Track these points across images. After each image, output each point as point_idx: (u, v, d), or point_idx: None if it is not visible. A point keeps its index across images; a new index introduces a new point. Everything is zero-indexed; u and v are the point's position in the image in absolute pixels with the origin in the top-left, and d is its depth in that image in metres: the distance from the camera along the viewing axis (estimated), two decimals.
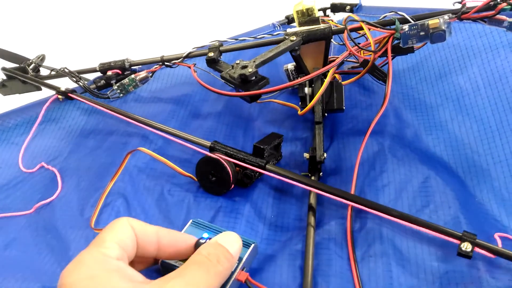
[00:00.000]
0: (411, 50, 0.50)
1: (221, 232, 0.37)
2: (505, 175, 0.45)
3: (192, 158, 0.54)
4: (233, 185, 0.49)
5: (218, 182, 0.48)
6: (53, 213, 0.49)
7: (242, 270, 0.35)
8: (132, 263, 0.32)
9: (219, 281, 0.30)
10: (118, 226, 0.31)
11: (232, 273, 0.34)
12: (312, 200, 0.46)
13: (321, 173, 0.50)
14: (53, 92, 0.64)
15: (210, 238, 0.35)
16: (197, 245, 0.34)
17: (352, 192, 0.47)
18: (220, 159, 0.47)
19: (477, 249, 0.36)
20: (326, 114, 0.54)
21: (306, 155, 0.50)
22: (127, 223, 0.31)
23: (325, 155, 0.49)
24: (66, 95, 0.62)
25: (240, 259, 0.35)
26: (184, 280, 0.28)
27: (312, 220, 0.44)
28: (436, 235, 0.39)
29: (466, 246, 0.36)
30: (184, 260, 0.35)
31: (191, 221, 0.40)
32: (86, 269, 0.27)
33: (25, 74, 0.66)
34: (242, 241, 0.35)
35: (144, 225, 0.33)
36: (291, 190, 0.50)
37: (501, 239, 0.39)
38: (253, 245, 0.37)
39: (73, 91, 0.62)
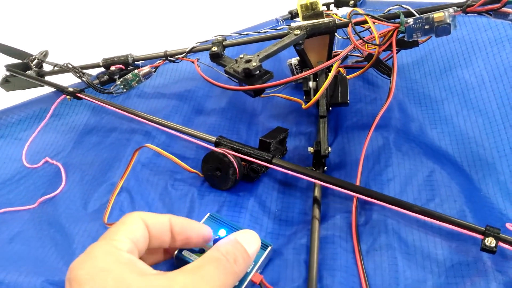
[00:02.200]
0: (415, 43, 0.50)
1: (237, 228, 0.37)
2: (510, 169, 0.44)
3: (196, 154, 0.54)
4: (239, 180, 0.48)
5: (224, 177, 0.48)
6: (57, 208, 0.49)
7: (257, 272, 0.35)
8: (145, 256, 0.32)
9: (233, 281, 0.30)
10: (129, 220, 0.31)
11: (248, 274, 0.34)
12: (317, 193, 0.46)
13: (325, 167, 0.50)
14: None
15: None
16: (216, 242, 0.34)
17: None
18: (227, 154, 0.47)
19: (501, 244, 0.36)
20: (330, 108, 0.54)
21: (311, 149, 0.50)
22: (139, 218, 0.31)
23: (329, 149, 0.48)
24: (74, 96, 0.61)
25: (256, 261, 0.35)
26: (198, 276, 0.28)
27: (317, 212, 0.44)
28: (458, 230, 0.38)
29: (490, 241, 0.35)
30: (198, 254, 0.35)
31: (208, 214, 0.40)
32: (97, 262, 0.27)
33: (28, 70, 0.66)
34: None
35: (156, 215, 0.33)
36: (295, 184, 0.50)
37: None
38: (270, 247, 0.37)
39: (81, 90, 0.61)
